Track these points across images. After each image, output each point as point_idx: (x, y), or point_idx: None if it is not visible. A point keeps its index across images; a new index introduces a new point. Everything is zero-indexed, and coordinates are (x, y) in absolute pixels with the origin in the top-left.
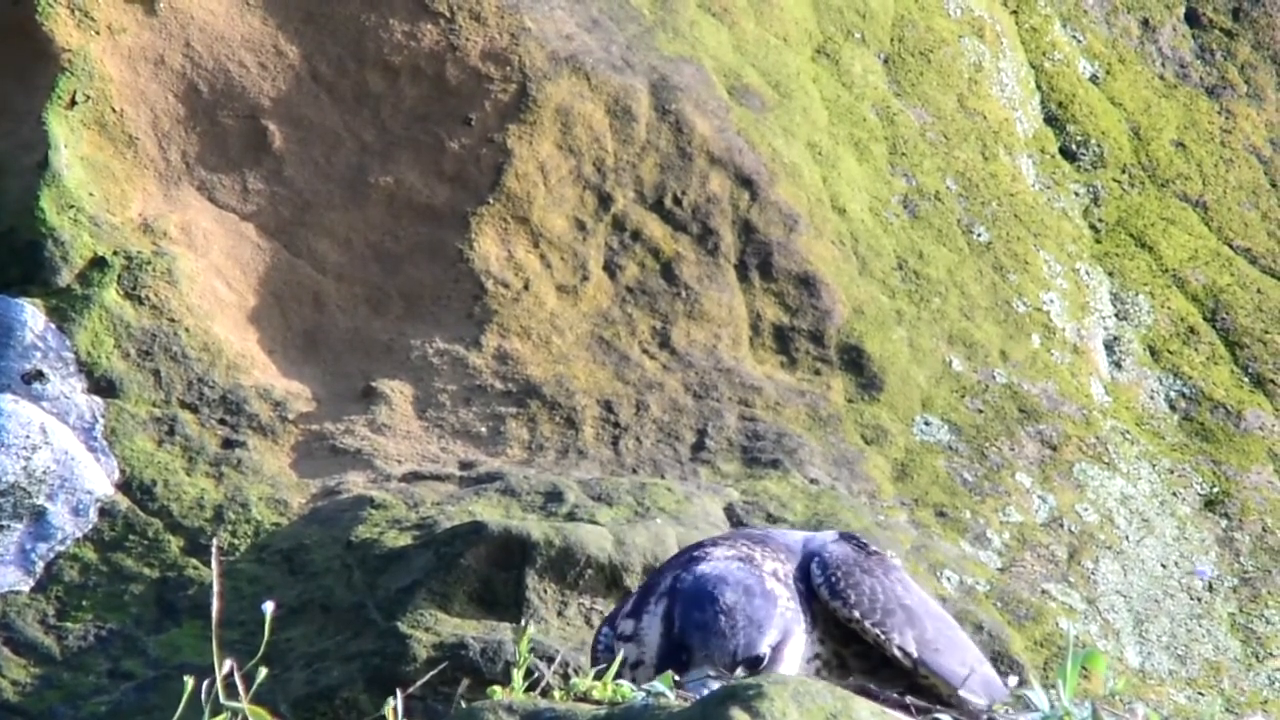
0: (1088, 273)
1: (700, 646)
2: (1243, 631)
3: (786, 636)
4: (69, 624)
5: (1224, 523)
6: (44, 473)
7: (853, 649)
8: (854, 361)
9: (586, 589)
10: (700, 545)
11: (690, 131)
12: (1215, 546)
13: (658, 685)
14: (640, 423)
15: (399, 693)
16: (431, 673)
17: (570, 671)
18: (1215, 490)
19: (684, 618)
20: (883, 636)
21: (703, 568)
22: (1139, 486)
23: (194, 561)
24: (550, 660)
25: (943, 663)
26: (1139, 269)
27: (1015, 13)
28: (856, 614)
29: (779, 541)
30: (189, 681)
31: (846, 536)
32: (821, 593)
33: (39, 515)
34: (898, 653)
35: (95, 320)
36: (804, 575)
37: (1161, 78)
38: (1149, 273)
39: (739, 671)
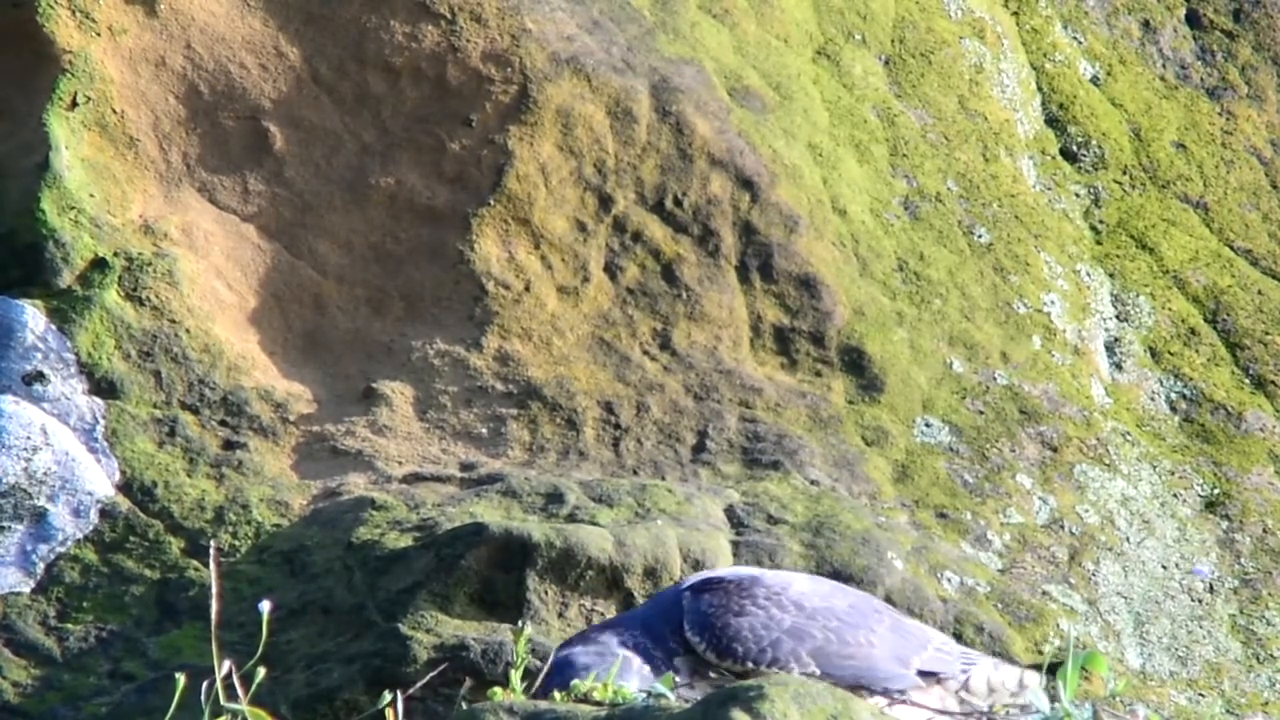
0: (1088, 274)
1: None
2: (1244, 633)
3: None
4: (69, 625)
5: (1225, 524)
6: (45, 474)
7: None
8: (854, 363)
9: (587, 590)
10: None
11: (691, 133)
12: (1216, 548)
13: (658, 686)
14: (641, 424)
15: (399, 694)
16: (432, 674)
17: None
18: (1216, 492)
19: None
20: (779, 671)
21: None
22: (1139, 488)
23: (195, 563)
24: None
25: (848, 664)
26: (1140, 270)
27: (1016, 14)
28: (749, 664)
29: (634, 617)
30: (180, 679)
31: (698, 586)
32: (709, 657)
33: (40, 516)
34: (800, 675)
35: (96, 321)
36: (675, 627)
37: (1162, 79)
38: (1150, 274)
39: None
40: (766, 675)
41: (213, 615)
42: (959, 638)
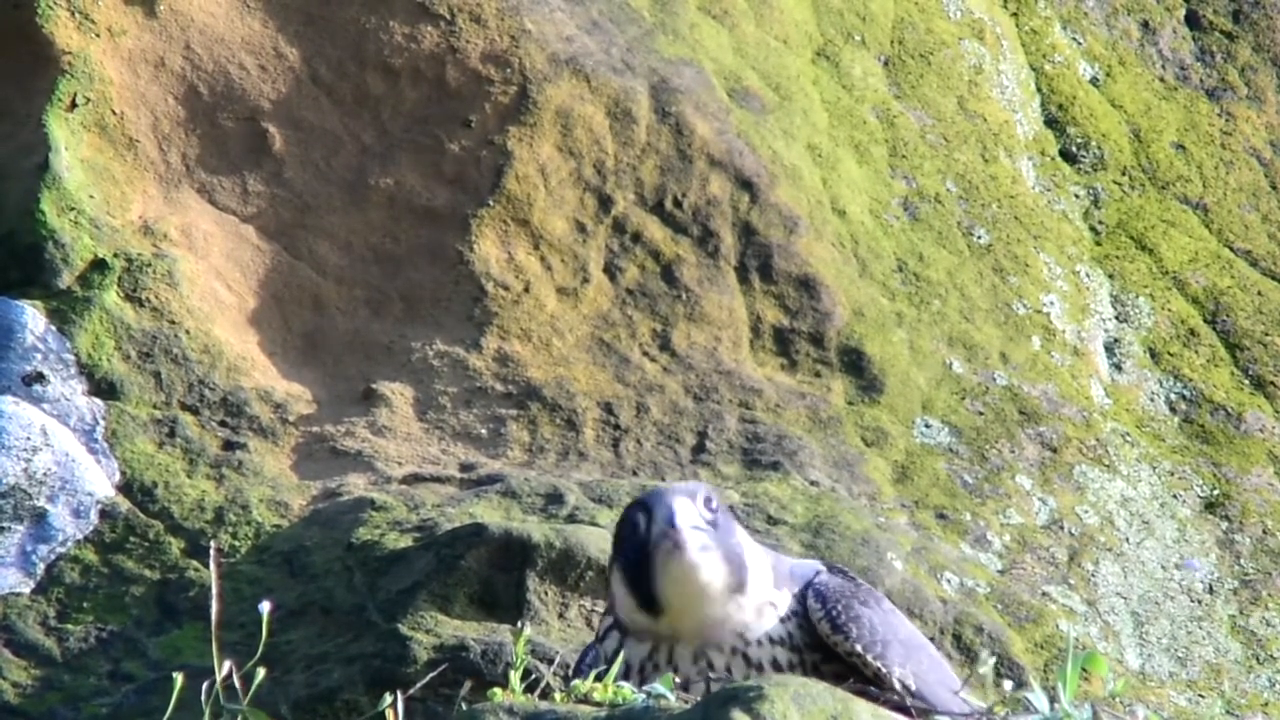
0: (1088, 275)
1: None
2: (1243, 634)
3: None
4: (70, 626)
5: (1224, 525)
6: (45, 475)
7: (832, 668)
8: (854, 364)
9: (587, 591)
10: None
11: (690, 134)
12: (1215, 549)
13: (658, 687)
14: (641, 425)
15: (399, 694)
16: (432, 674)
17: (570, 673)
18: (1215, 492)
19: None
20: (884, 669)
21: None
22: (1139, 489)
23: (194, 563)
24: (550, 662)
25: (938, 694)
26: (1139, 271)
27: (1015, 15)
28: (859, 647)
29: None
30: (178, 678)
31: (834, 568)
32: (822, 626)
33: (40, 517)
34: (898, 684)
35: (96, 322)
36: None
37: (1162, 80)
38: (1149, 275)
39: None
40: (867, 664)
41: (213, 615)
42: (958, 639)
